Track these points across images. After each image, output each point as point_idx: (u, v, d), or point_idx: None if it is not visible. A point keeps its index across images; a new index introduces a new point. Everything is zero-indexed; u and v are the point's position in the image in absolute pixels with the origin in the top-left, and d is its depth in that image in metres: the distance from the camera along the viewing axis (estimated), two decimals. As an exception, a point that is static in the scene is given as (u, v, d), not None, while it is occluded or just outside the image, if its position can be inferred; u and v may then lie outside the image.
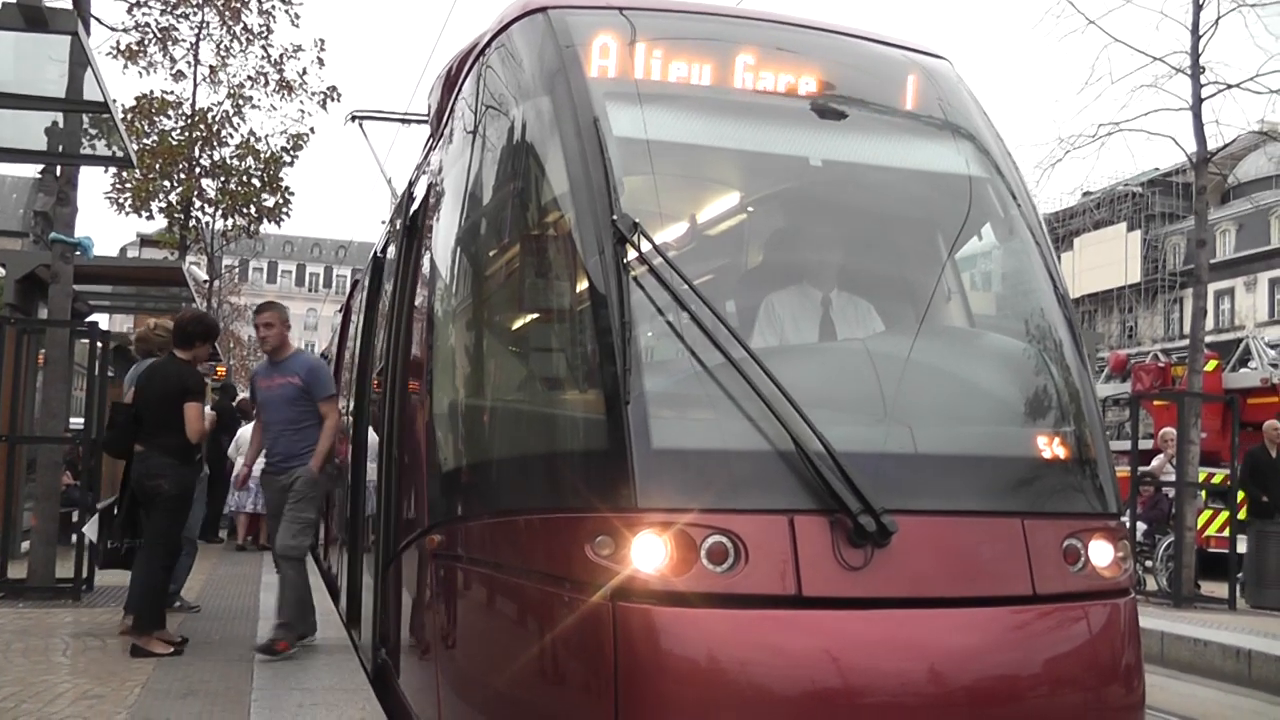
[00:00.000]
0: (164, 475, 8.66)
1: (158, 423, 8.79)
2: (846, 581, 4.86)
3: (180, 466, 8.76)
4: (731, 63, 6.09)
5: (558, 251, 5.66)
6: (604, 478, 4.95)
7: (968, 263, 6.69)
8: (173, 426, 8.75)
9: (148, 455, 8.77)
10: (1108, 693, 5.30)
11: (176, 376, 8.93)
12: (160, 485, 8.66)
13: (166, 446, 8.73)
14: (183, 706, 6.89)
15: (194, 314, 9.46)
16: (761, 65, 6.12)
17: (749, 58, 6.12)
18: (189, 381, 8.92)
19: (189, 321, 9.19)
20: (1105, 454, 5.77)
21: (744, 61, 6.10)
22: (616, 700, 4.71)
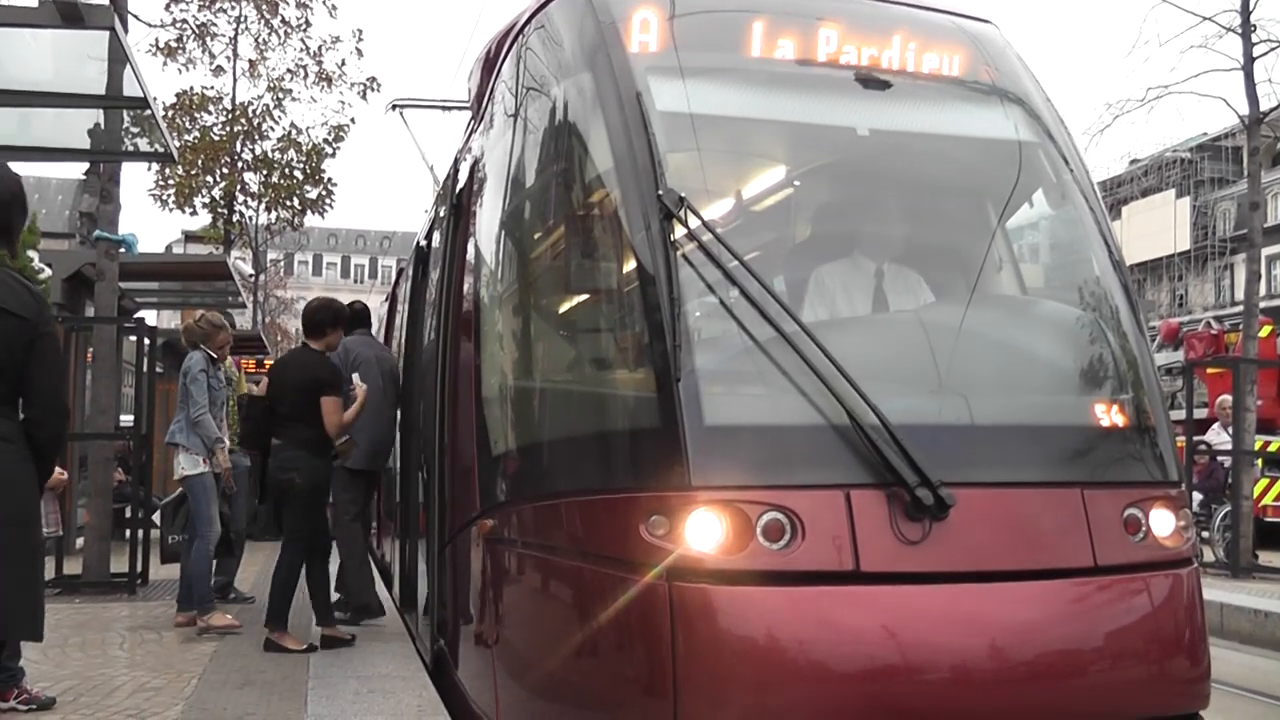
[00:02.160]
0: (296, 468, 8.59)
1: (292, 415, 8.72)
2: (905, 556, 4.80)
3: (313, 459, 8.66)
4: (773, 34, 6.01)
5: (603, 230, 5.61)
6: (657, 456, 4.90)
7: (1020, 230, 6.60)
8: (307, 419, 8.68)
9: (282, 448, 8.70)
10: (1173, 665, 5.22)
11: (311, 368, 8.90)
12: (293, 479, 8.58)
13: (300, 439, 8.66)
14: (239, 697, 6.90)
15: (321, 302, 9.39)
16: (804, 35, 6.04)
17: (790, 28, 6.04)
18: (322, 374, 8.82)
19: (317, 310, 9.14)
20: (1165, 421, 5.67)
21: (786, 32, 6.02)
22: (675, 681, 4.66)
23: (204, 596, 9.29)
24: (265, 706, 6.64)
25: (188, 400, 9.38)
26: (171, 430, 9.58)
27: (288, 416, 8.74)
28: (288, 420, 8.73)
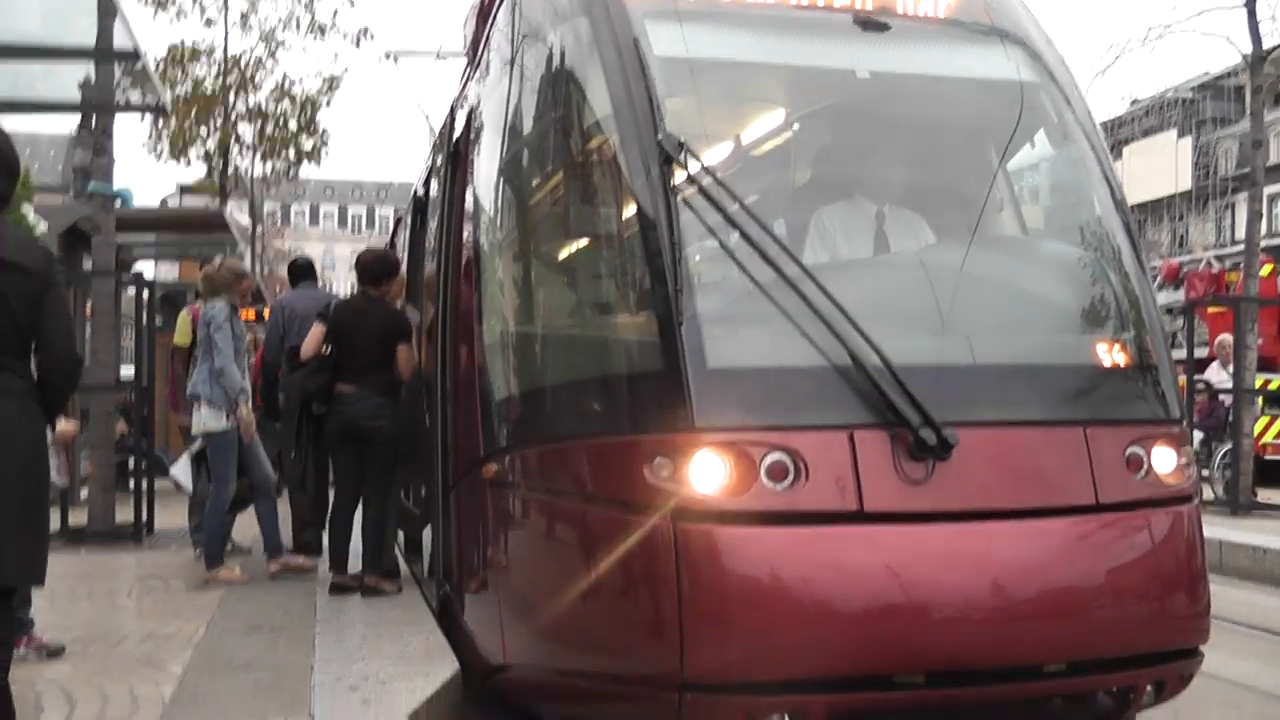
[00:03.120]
0: (385, 415, 8.56)
1: (369, 364, 8.66)
2: (908, 495, 4.85)
3: (393, 406, 8.69)
4: None
5: (603, 175, 5.62)
6: (660, 399, 4.93)
7: (1021, 171, 6.59)
8: (384, 367, 8.67)
9: (364, 396, 8.60)
10: (1173, 601, 5.27)
11: (390, 319, 8.83)
12: (383, 426, 8.58)
13: (381, 386, 8.61)
14: (248, 642, 6.95)
15: (376, 254, 9.30)
16: None
17: None
18: (401, 324, 8.80)
19: (374, 261, 9.04)
20: (1166, 359, 5.69)
21: (783, -26, 6.01)
22: (681, 621, 4.72)
23: (214, 553, 9.29)
24: (274, 651, 6.70)
25: (210, 350, 9.21)
26: (193, 382, 9.34)
27: (366, 365, 8.66)
28: (366, 369, 8.66)
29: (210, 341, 9.19)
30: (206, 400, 9.15)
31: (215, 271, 9.59)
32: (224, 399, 9.17)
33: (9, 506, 4.60)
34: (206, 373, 9.17)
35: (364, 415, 8.53)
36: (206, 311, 9.32)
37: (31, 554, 4.72)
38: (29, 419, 4.77)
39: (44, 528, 4.83)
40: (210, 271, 9.65)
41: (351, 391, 8.64)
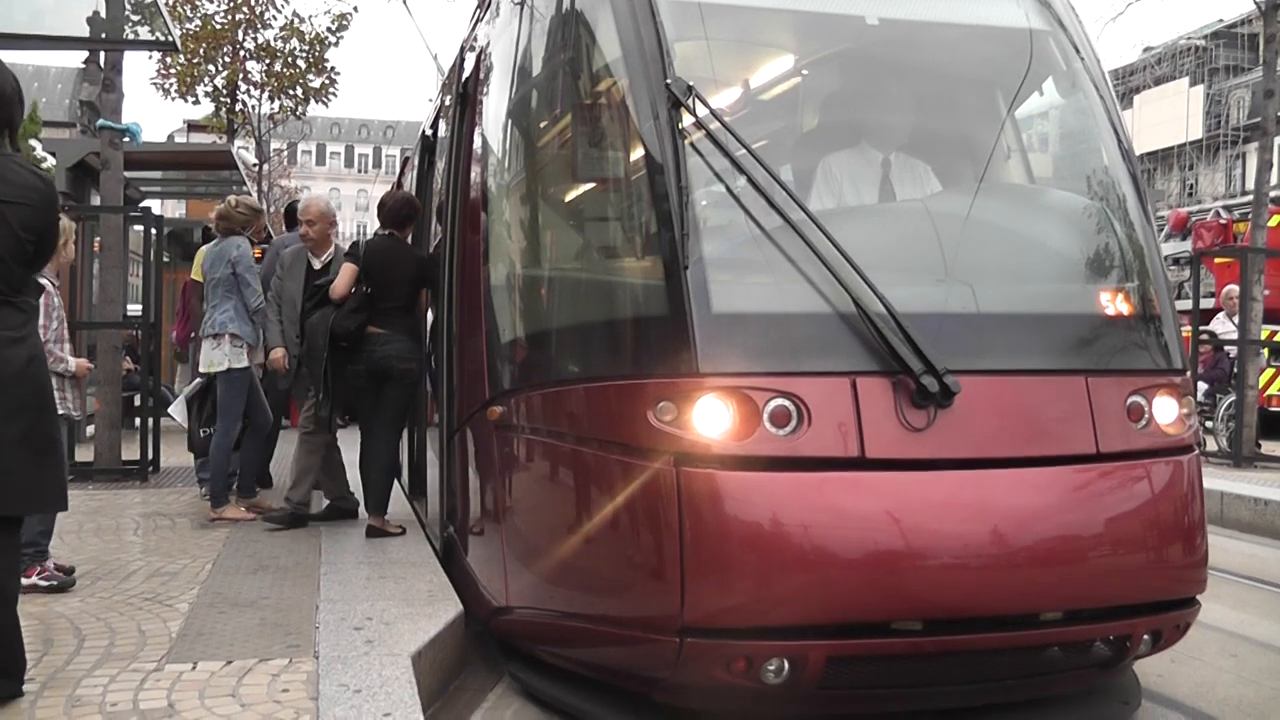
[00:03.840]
0: (415, 359, 8.61)
1: (398, 305, 8.66)
2: (909, 443, 4.87)
3: (419, 349, 8.79)
4: None
5: (611, 119, 5.61)
6: (664, 343, 4.95)
7: (1029, 119, 6.57)
8: (410, 309, 8.73)
9: (394, 338, 8.54)
10: (1172, 551, 5.29)
11: (423, 262, 8.85)
12: (413, 368, 8.59)
13: (409, 329, 8.62)
14: (254, 581, 7.00)
15: (403, 197, 9.24)
16: None
17: None
18: (429, 265, 8.78)
19: (401, 204, 8.98)
20: (1170, 310, 5.70)
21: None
22: (682, 566, 4.76)
23: (219, 491, 9.34)
24: (279, 590, 6.75)
25: (237, 289, 9.17)
26: (219, 320, 9.19)
27: (394, 308, 8.65)
28: (394, 312, 8.64)
29: (239, 280, 9.15)
30: (231, 337, 9.11)
31: (232, 209, 9.51)
32: (253, 336, 9.20)
33: (9, 438, 4.72)
34: (233, 310, 9.13)
35: (395, 358, 8.52)
36: (229, 249, 9.23)
37: (34, 482, 4.82)
38: (29, 353, 4.88)
39: (48, 456, 4.93)
40: (227, 209, 9.56)
41: (382, 334, 8.60)
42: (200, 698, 4.88)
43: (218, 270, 9.20)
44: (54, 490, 5.08)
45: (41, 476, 4.91)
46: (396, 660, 5.33)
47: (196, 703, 4.82)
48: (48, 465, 4.94)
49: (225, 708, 4.76)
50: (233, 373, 9.15)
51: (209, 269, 9.33)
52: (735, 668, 4.79)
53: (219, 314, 9.17)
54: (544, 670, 5.84)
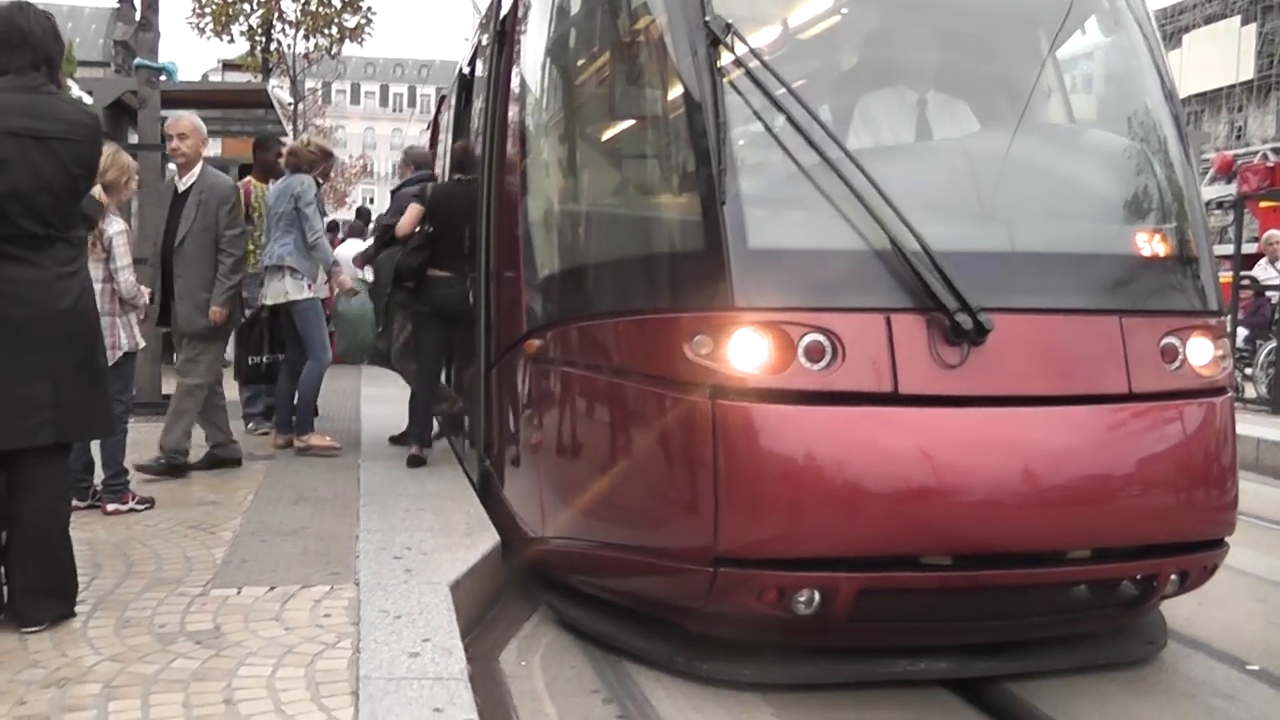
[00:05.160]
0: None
1: (459, 249, 8.77)
2: (942, 379, 4.91)
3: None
4: None
5: (649, 56, 5.65)
6: (701, 277, 5.01)
7: (1072, 59, 6.55)
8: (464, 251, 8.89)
9: (457, 281, 8.74)
10: (1202, 492, 5.32)
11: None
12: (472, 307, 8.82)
13: (465, 271, 8.82)
14: (294, 512, 7.12)
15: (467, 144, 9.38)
16: None
17: None
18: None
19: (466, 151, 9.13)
20: (1207, 251, 5.68)
21: None
22: (716, 497, 4.83)
23: (305, 419, 9.49)
24: (319, 521, 6.87)
25: (298, 224, 9.20)
26: (277, 253, 9.26)
27: (456, 250, 8.76)
28: (456, 253, 8.76)
29: (300, 215, 9.19)
30: (291, 270, 9.21)
31: (303, 147, 9.58)
32: (311, 270, 9.27)
33: (63, 368, 4.90)
34: (292, 245, 9.20)
35: (458, 300, 8.67)
36: (293, 185, 9.28)
37: (86, 411, 5.04)
38: (81, 285, 5.06)
39: (98, 386, 5.12)
40: (297, 146, 9.62)
41: (446, 277, 8.80)
42: (245, 621, 5.01)
43: (281, 205, 9.27)
44: (103, 418, 5.27)
45: (92, 405, 5.06)
46: (435, 588, 5.45)
47: (241, 625, 4.95)
48: (97, 394, 5.10)
49: (269, 630, 4.88)
50: (299, 304, 9.27)
51: (273, 203, 9.40)
52: (767, 598, 4.87)
53: (279, 246, 9.26)
54: (579, 600, 5.94)
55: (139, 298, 7.13)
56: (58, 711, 4.01)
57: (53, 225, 4.88)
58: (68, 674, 4.36)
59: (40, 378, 4.82)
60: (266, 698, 4.16)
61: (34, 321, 4.81)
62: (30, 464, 4.90)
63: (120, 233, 6.89)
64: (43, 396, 4.83)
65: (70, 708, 4.04)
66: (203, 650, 4.63)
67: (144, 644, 4.70)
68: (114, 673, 4.38)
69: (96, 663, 4.49)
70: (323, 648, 4.67)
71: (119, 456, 7.13)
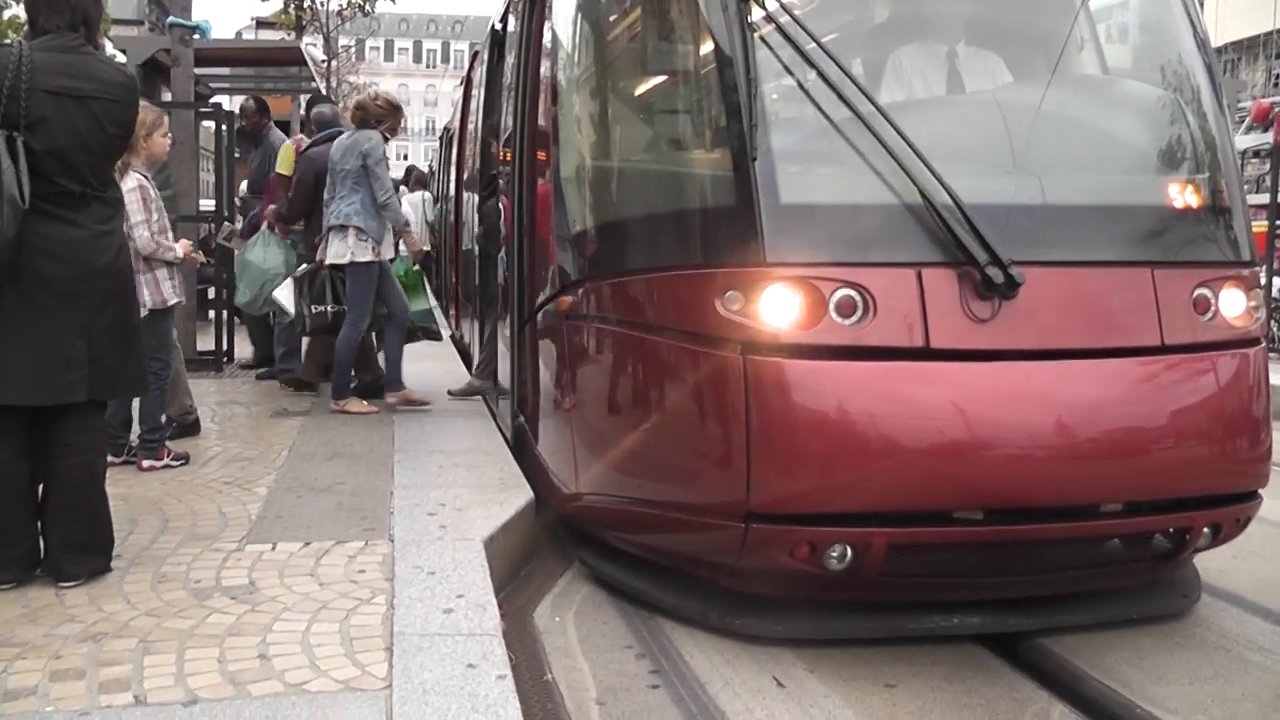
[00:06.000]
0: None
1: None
2: (974, 333, 4.90)
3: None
4: None
5: (680, 12, 5.62)
6: (732, 233, 5.00)
7: (1104, 9, 6.49)
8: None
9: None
10: (1233, 444, 5.30)
11: None
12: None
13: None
14: (329, 468, 7.18)
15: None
16: None
17: None
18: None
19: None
20: (1240, 202, 5.64)
21: None
22: (748, 452, 4.85)
23: (342, 384, 9.41)
24: (354, 477, 6.91)
25: (366, 182, 9.04)
26: (344, 212, 9.06)
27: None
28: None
29: (369, 173, 9.04)
30: (356, 230, 9.03)
31: (371, 101, 9.40)
32: (378, 231, 9.08)
33: (99, 326, 4.96)
34: (359, 203, 9.03)
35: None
36: (361, 141, 9.11)
37: (120, 368, 5.10)
38: (118, 243, 5.12)
39: (132, 344, 5.18)
40: (365, 100, 9.44)
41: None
42: (280, 576, 5.06)
43: (348, 162, 9.07)
44: (137, 376, 5.34)
45: (126, 363, 5.12)
46: (469, 545, 5.48)
47: (276, 580, 5.00)
48: (131, 352, 5.16)
49: (304, 586, 4.93)
50: (358, 265, 9.07)
51: (339, 160, 9.16)
52: (799, 553, 4.89)
53: (345, 206, 9.06)
54: (612, 556, 5.98)
55: (164, 252, 7.10)
56: (93, 666, 4.05)
57: (89, 184, 4.93)
58: (103, 629, 4.41)
59: (76, 335, 4.87)
60: (301, 653, 4.20)
61: (71, 279, 4.86)
62: (66, 420, 4.96)
63: (132, 190, 6.85)
64: (78, 354, 4.88)
65: (106, 662, 4.09)
66: (238, 605, 4.68)
67: (179, 599, 4.76)
68: (149, 628, 4.43)
69: (132, 618, 4.54)
70: (357, 603, 4.71)
71: (156, 413, 7.20)
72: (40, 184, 4.74)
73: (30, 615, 4.56)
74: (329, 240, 9.20)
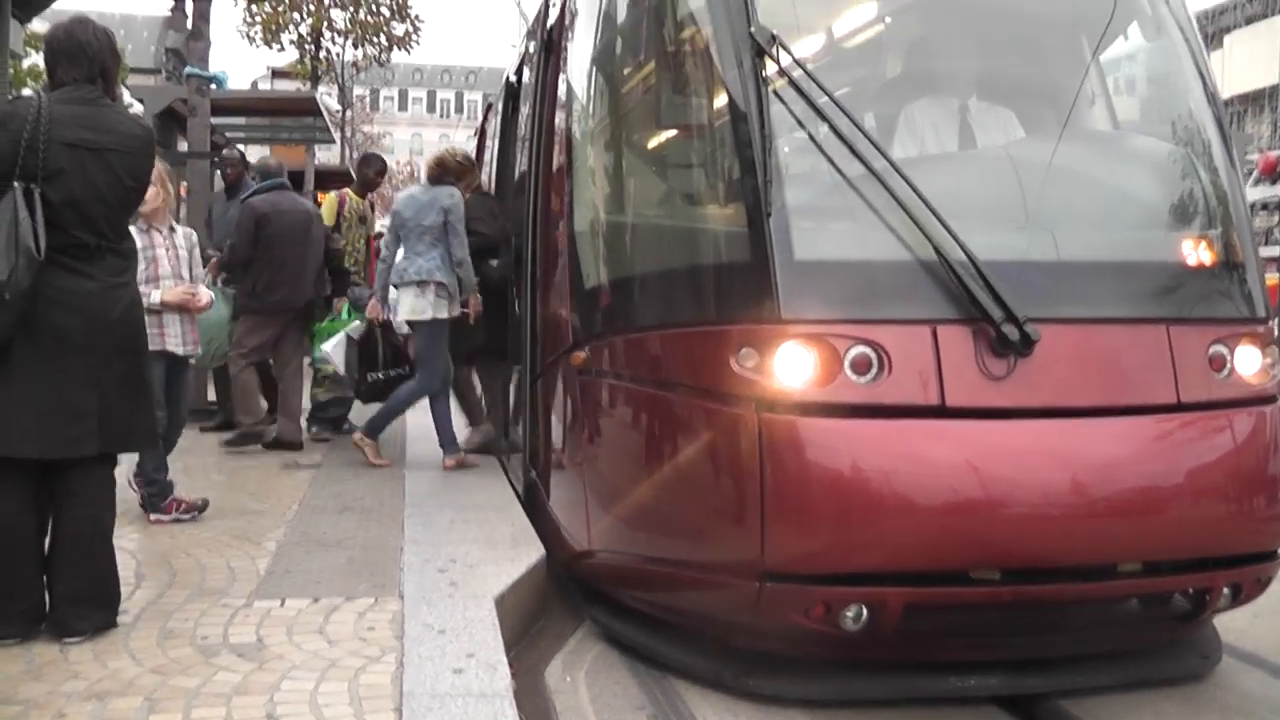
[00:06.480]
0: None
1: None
2: (989, 391, 4.86)
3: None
4: None
5: (695, 66, 5.63)
6: (747, 290, 4.98)
7: (1113, 64, 6.49)
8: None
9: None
10: (1252, 503, 5.23)
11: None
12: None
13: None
14: (339, 521, 7.13)
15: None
16: None
17: None
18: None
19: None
20: (1254, 257, 5.61)
21: None
22: (762, 510, 4.80)
23: (379, 426, 9.32)
24: (365, 531, 6.87)
25: (446, 238, 8.89)
26: (427, 268, 8.85)
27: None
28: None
29: (450, 229, 8.90)
30: (438, 286, 8.86)
31: (450, 157, 9.36)
32: (454, 287, 8.94)
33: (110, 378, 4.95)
34: (439, 259, 8.87)
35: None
36: (441, 196, 8.97)
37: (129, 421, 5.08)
38: (130, 297, 5.12)
39: (141, 397, 5.17)
40: (445, 156, 9.31)
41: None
42: (288, 633, 5.01)
43: (427, 217, 8.89)
44: (146, 430, 5.31)
45: (135, 416, 5.10)
46: (480, 602, 5.43)
47: (284, 638, 4.95)
48: (140, 406, 5.14)
49: (313, 644, 4.88)
50: (437, 322, 8.93)
51: (412, 215, 8.96)
52: (814, 613, 4.84)
53: (426, 262, 8.87)
54: (625, 614, 5.91)
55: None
56: (99, 725, 4.01)
57: (105, 236, 4.93)
58: (108, 686, 4.37)
59: (87, 387, 4.86)
60: (309, 713, 4.16)
61: (84, 331, 4.85)
62: (74, 473, 4.94)
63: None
64: (88, 406, 4.86)
65: (111, 721, 4.04)
66: (245, 663, 4.63)
67: (186, 656, 4.71)
68: (155, 685, 4.38)
69: (138, 675, 4.49)
70: (366, 662, 4.67)
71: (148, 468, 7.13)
72: (56, 236, 4.74)
73: (33, 671, 4.52)
74: (402, 297, 9.00)
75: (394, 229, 9.16)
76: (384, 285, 9.17)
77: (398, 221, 9.10)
